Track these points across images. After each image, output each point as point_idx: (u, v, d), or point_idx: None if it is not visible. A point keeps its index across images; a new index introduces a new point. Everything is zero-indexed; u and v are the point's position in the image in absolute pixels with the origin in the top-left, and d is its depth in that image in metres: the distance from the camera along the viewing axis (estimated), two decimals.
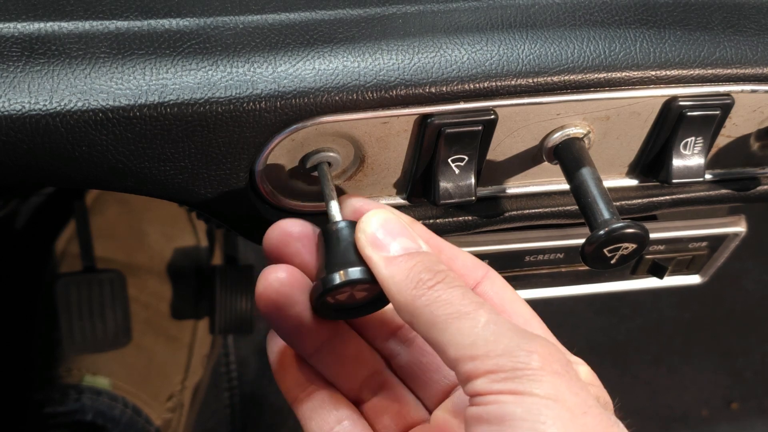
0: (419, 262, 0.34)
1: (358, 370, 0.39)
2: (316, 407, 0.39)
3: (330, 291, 0.35)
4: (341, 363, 0.39)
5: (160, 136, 0.36)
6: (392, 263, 0.34)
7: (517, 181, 0.45)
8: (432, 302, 0.33)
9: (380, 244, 0.35)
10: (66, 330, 0.78)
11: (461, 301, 0.33)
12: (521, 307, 0.39)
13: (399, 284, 0.34)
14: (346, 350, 0.39)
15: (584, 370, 0.38)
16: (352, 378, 0.39)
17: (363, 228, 0.36)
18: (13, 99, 0.34)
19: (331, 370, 0.39)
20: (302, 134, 0.38)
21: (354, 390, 0.40)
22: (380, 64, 0.37)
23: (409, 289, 0.33)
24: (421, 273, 0.34)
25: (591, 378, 0.38)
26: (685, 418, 1.11)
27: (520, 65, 0.38)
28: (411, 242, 0.35)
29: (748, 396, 1.14)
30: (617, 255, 0.39)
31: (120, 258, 0.82)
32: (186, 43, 0.37)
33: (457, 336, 0.32)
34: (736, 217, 0.54)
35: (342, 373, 0.39)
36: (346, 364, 0.39)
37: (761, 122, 0.45)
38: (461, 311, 0.32)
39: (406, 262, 0.34)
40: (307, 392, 0.39)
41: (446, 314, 0.32)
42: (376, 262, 0.35)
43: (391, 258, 0.35)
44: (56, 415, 0.75)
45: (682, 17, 0.41)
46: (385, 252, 0.35)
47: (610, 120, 0.42)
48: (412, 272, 0.34)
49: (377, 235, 0.35)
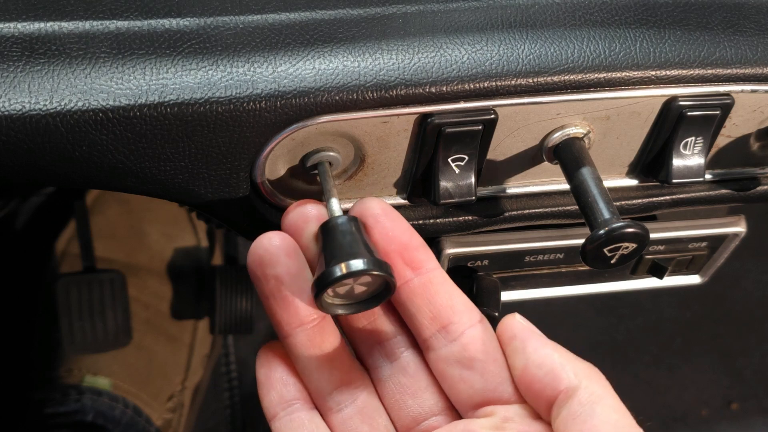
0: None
1: (332, 370, 0.39)
2: (293, 428, 0.39)
3: (332, 283, 0.35)
4: (317, 358, 0.39)
5: (160, 136, 0.36)
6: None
7: (517, 181, 0.45)
8: None
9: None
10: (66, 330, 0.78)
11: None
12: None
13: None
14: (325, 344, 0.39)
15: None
16: (324, 377, 0.39)
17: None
18: (14, 99, 0.34)
19: (305, 362, 0.39)
20: (302, 134, 0.38)
21: (325, 394, 0.39)
22: (380, 64, 0.37)
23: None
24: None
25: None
26: (685, 418, 1.11)
27: (520, 65, 0.38)
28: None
29: (747, 396, 1.14)
30: (617, 255, 0.39)
31: (120, 258, 0.82)
32: (186, 43, 0.37)
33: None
34: (736, 217, 0.54)
35: (315, 368, 0.39)
36: (321, 359, 0.39)
37: (761, 122, 0.45)
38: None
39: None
40: (287, 411, 0.39)
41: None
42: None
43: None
44: (57, 415, 0.75)
45: (682, 17, 0.41)
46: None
47: (610, 120, 0.42)
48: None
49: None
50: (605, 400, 0.35)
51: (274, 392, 0.40)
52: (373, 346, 0.40)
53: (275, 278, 0.37)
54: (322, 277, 0.35)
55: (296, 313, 0.38)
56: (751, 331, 1.18)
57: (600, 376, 0.36)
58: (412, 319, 0.39)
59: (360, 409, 0.40)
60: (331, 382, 0.39)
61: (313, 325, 0.38)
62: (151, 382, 0.81)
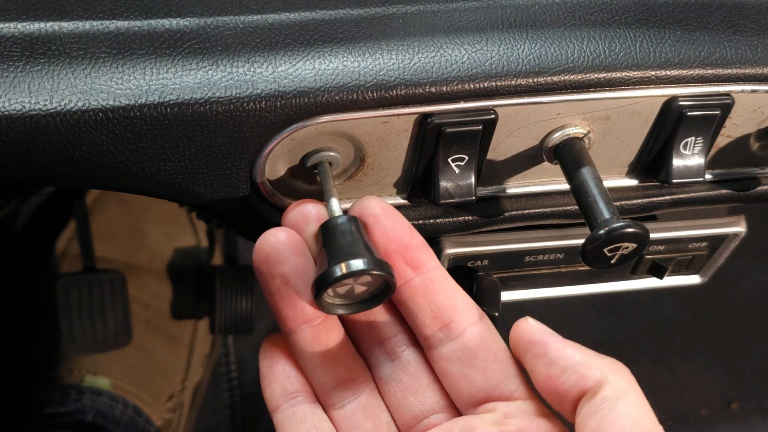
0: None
1: (336, 367, 0.39)
2: (296, 421, 0.39)
3: (332, 283, 0.35)
4: (321, 354, 0.39)
5: (160, 136, 0.36)
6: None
7: (517, 181, 0.45)
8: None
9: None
10: (66, 330, 0.78)
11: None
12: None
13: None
14: (330, 341, 0.39)
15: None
16: (328, 374, 0.39)
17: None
18: (14, 99, 0.34)
19: (309, 359, 0.39)
20: (302, 134, 0.38)
21: (328, 390, 0.40)
22: (380, 64, 0.37)
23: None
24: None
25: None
26: (685, 418, 1.11)
27: (520, 65, 0.38)
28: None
29: (747, 396, 1.14)
30: (617, 255, 0.39)
31: (120, 258, 0.82)
32: (186, 43, 0.37)
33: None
34: (736, 217, 0.54)
35: (319, 365, 0.39)
36: (325, 356, 0.39)
37: (761, 122, 0.45)
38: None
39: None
40: (290, 404, 0.39)
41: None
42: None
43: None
44: (57, 415, 0.75)
45: (682, 17, 0.41)
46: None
47: (610, 120, 0.42)
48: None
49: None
50: (628, 395, 0.35)
51: (276, 384, 0.40)
52: (374, 345, 0.40)
53: (282, 276, 0.37)
54: (322, 277, 0.35)
55: (302, 311, 0.38)
56: (751, 331, 1.18)
57: (625, 370, 0.36)
58: (414, 318, 0.39)
59: (363, 405, 0.40)
60: (335, 379, 0.39)
61: (318, 323, 0.38)
62: (151, 382, 0.81)
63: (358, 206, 0.38)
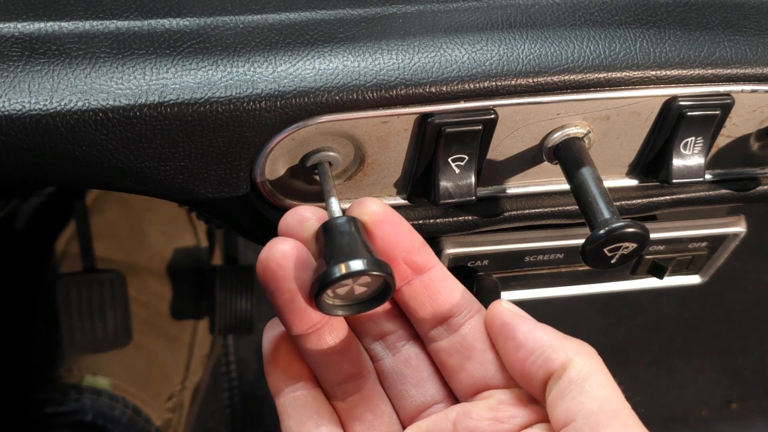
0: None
1: (342, 364, 0.39)
2: (298, 406, 0.39)
3: (331, 283, 0.35)
4: (327, 353, 0.39)
5: (160, 135, 0.36)
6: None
7: (517, 181, 0.45)
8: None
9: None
10: (66, 330, 0.78)
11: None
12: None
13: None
14: (335, 340, 0.39)
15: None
16: (334, 371, 0.39)
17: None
18: (14, 99, 0.34)
19: (315, 358, 0.39)
20: (302, 134, 0.38)
21: (333, 384, 0.40)
22: (380, 64, 0.37)
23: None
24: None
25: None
26: (685, 418, 1.11)
27: (520, 65, 0.38)
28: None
29: (747, 396, 1.14)
30: (617, 254, 0.39)
31: (120, 258, 0.82)
32: (186, 43, 0.37)
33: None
34: (736, 217, 0.54)
35: (325, 363, 0.39)
36: (331, 355, 0.39)
37: (761, 122, 0.45)
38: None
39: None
40: (293, 389, 0.39)
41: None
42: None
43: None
44: (56, 415, 0.75)
45: (682, 17, 0.41)
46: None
47: (610, 120, 0.42)
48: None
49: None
50: (594, 376, 0.35)
51: (279, 369, 0.40)
52: (375, 339, 0.40)
53: (290, 292, 0.36)
54: (321, 278, 0.35)
55: (309, 319, 0.38)
56: (751, 331, 1.18)
57: (591, 351, 0.36)
58: (414, 315, 0.39)
59: (365, 397, 0.40)
60: (340, 374, 0.40)
61: (324, 326, 0.38)
62: (150, 382, 0.81)
63: (356, 208, 0.38)
